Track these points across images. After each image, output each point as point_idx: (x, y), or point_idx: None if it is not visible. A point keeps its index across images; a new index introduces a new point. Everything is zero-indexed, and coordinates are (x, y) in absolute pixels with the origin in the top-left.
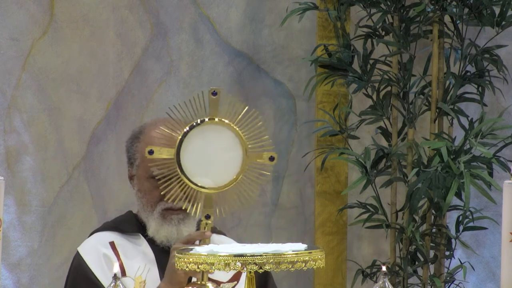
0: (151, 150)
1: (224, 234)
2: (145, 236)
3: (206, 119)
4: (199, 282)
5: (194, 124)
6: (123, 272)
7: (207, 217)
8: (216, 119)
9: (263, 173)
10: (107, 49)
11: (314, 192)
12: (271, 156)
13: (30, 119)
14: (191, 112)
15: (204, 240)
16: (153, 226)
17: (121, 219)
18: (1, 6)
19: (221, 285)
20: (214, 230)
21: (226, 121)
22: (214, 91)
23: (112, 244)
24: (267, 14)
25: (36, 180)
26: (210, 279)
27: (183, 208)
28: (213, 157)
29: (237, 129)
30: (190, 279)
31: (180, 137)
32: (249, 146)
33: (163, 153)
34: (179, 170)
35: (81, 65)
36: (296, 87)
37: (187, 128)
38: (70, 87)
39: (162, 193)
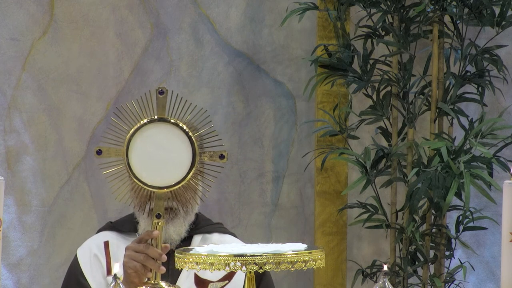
0: (99, 150)
1: (233, 235)
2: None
3: (154, 118)
4: (152, 282)
5: (142, 123)
6: (109, 271)
7: (158, 216)
8: (165, 118)
9: (215, 171)
10: (107, 49)
11: (314, 192)
12: (221, 154)
13: (30, 119)
14: (139, 112)
15: (155, 239)
16: (143, 225)
17: (121, 219)
18: (1, 6)
19: (210, 284)
20: (219, 230)
21: (174, 120)
22: (161, 90)
23: (106, 244)
24: (267, 14)
25: (36, 180)
26: (198, 278)
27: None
28: (162, 156)
29: (186, 127)
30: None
31: (128, 136)
32: (199, 144)
33: (111, 153)
34: (128, 170)
35: (81, 65)
36: (296, 87)
37: (136, 127)
38: (70, 87)
39: (112, 193)
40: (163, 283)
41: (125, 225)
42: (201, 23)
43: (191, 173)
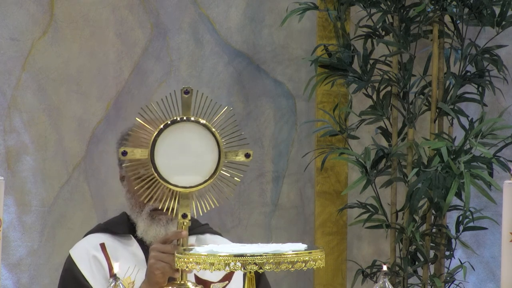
0: (124, 151)
1: (220, 235)
2: (136, 237)
3: (179, 118)
4: (178, 282)
5: (167, 123)
6: (111, 273)
7: (184, 216)
8: (190, 118)
9: (240, 170)
10: (107, 49)
11: (314, 192)
12: (247, 153)
13: (30, 119)
14: (164, 112)
15: (181, 240)
16: (142, 227)
17: (113, 221)
18: (1, 6)
19: (212, 285)
20: (209, 231)
21: (200, 119)
22: (186, 89)
23: (102, 246)
24: (267, 14)
25: (36, 180)
26: (198, 279)
27: (164, 209)
28: (188, 156)
29: (211, 127)
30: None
31: (153, 137)
32: (225, 143)
33: (136, 154)
34: (153, 170)
35: (81, 65)
36: (296, 87)
37: (161, 127)
38: (70, 87)
39: (138, 194)
40: (189, 283)
41: (119, 227)
42: (201, 23)
43: (218, 172)
